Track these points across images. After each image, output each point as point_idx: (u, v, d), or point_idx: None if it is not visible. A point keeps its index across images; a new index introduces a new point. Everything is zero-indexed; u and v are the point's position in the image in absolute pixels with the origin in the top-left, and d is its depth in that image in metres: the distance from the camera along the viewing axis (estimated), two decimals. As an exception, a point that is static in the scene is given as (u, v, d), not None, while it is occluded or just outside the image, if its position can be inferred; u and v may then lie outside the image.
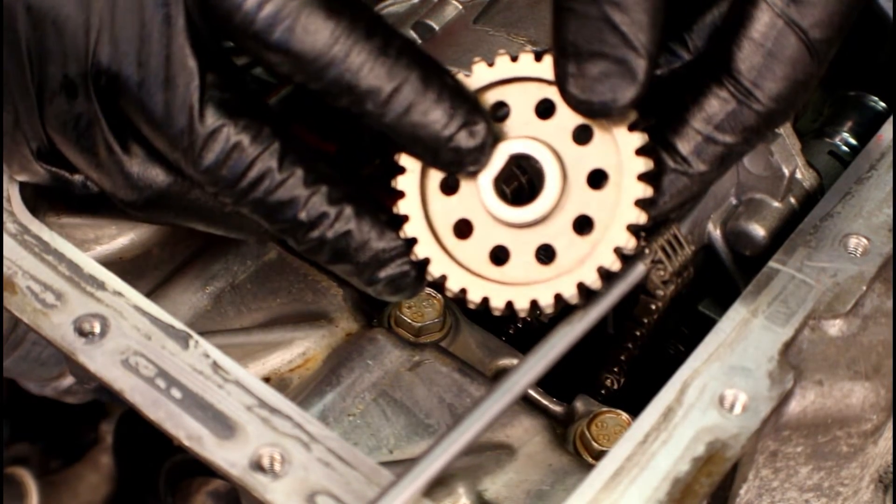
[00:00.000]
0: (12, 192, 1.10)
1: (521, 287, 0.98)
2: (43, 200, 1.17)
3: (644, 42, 0.93)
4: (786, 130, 1.15)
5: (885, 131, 1.19)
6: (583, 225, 0.98)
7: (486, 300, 0.99)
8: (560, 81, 0.96)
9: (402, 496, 0.94)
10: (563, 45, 0.95)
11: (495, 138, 0.97)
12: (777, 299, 1.05)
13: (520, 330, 1.27)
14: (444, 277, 0.99)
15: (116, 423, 1.58)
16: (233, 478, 0.96)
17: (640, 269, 1.09)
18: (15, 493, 1.66)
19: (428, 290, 1.17)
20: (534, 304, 0.98)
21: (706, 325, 1.06)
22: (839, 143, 1.26)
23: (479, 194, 0.99)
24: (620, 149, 0.96)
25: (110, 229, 1.20)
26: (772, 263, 1.08)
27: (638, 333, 1.19)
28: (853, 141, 1.26)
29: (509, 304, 0.98)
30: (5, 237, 1.08)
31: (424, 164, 0.99)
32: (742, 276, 1.18)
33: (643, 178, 0.96)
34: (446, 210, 1.00)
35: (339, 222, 0.98)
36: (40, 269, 1.06)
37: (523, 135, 0.98)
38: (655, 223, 1.04)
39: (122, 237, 1.20)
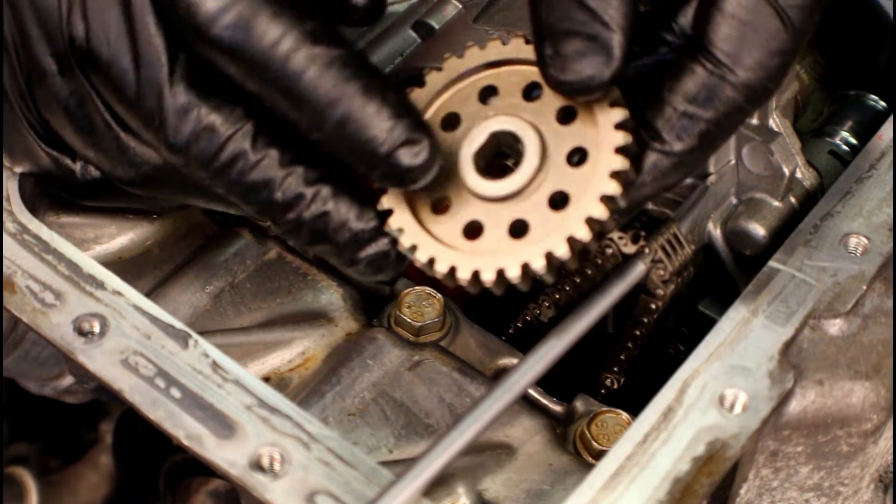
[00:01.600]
0: (12, 192, 1.10)
1: (490, 257, 0.97)
2: (43, 200, 1.17)
3: (614, 16, 0.93)
4: (786, 130, 1.15)
5: (885, 131, 1.19)
6: (558, 201, 0.97)
7: (452, 269, 0.97)
8: (540, 65, 0.96)
9: (402, 496, 0.94)
10: (539, 27, 0.95)
11: (439, 155, 0.95)
12: (777, 299, 1.05)
13: (520, 330, 1.27)
14: (413, 248, 0.98)
15: (116, 423, 1.58)
16: (232, 477, 0.96)
17: (640, 269, 1.09)
18: (15, 493, 1.66)
19: (428, 289, 1.17)
20: (500, 273, 0.96)
21: (706, 325, 1.06)
22: (839, 142, 1.26)
23: (458, 169, 0.98)
24: (600, 124, 0.96)
25: (110, 229, 1.20)
26: (772, 263, 1.08)
27: (638, 333, 1.19)
28: (853, 140, 1.26)
29: (475, 274, 0.97)
30: (5, 237, 1.07)
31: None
32: (742, 275, 1.18)
33: (620, 151, 0.96)
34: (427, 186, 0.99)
35: (315, 203, 0.97)
36: (40, 268, 1.06)
37: (507, 114, 0.98)
38: (653, 220, 1.03)
39: (122, 237, 1.20)
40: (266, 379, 1.12)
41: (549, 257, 0.96)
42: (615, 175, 0.95)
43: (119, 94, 0.98)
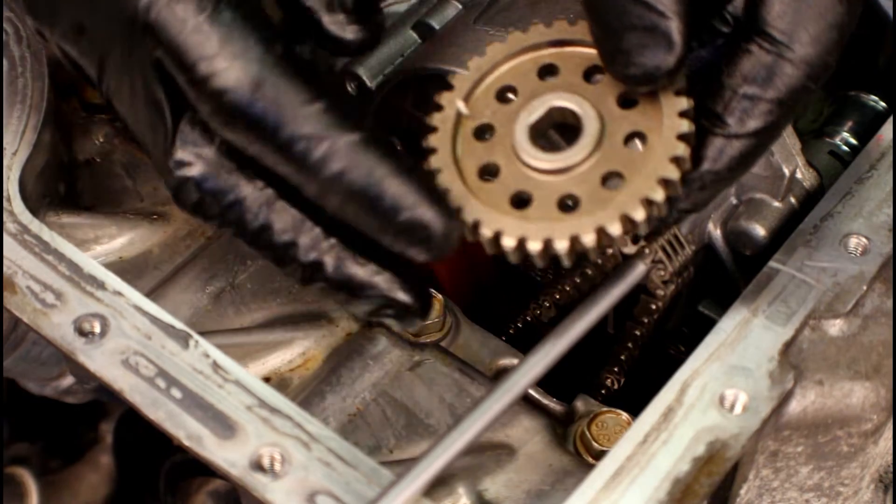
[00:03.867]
0: (12, 192, 1.10)
1: (537, 226, 0.96)
2: (43, 200, 1.17)
3: (668, 4, 0.92)
4: (786, 130, 1.15)
5: (886, 131, 1.19)
6: (612, 181, 0.96)
7: (497, 234, 0.96)
8: (604, 62, 0.96)
9: (402, 496, 0.94)
10: (596, 26, 0.95)
11: (454, 233, 0.93)
12: (777, 299, 1.05)
13: (520, 330, 1.27)
14: (459, 209, 0.97)
15: (116, 423, 1.58)
16: (233, 478, 0.96)
17: (640, 269, 1.09)
18: (15, 493, 1.66)
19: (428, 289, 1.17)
20: (547, 243, 0.95)
21: (706, 325, 1.06)
22: (839, 142, 1.26)
23: (512, 137, 0.98)
24: (664, 112, 0.96)
25: (110, 229, 1.20)
26: (772, 263, 1.08)
27: (638, 333, 1.19)
28: (853, 141, 1.26)
29: (521, 241, 0.96)
30: (5, 237, 1.08)
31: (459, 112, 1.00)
32: (742, 275, 1.18)
33: (682, 138, 0.95)
34: (476, 152, 0.99)
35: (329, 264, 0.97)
36: (40, 268, 1.06)
37: (568, 91, 0.99)
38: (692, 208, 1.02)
39: (122, 237, 1.20)
40: (266, 379, 1.12)
41: (600, 233, 0.94)
42: (675, 160, 0.95)
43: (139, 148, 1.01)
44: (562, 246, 0.95)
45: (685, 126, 0.95)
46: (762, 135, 0.97)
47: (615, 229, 0.94)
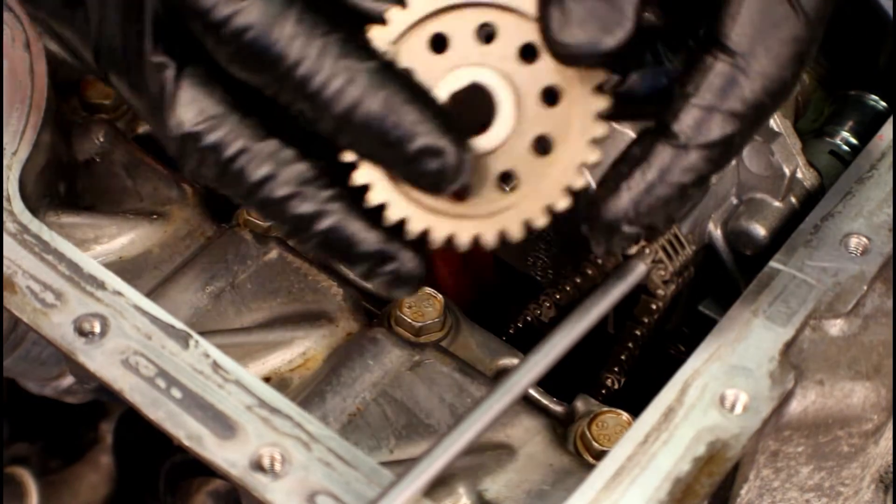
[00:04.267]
0: (12, 192, 1.10)
1: (424, 210, 0.93)
2: (43, 200, 1.17)
3: None
4: (786, 130, 1.15)
5: (886, 131, 1.19)
6: (510, 180, 0.94)
7: (383, 206, 0.93)
8: (543, 25, 0.91)
9: (403, 496, 0.94)
10: None
11: (467, 163, 0.91)
12: (778, 299, 1.05)
13: (520, 330, 1.27)
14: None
15: (116, 423, 1.58)
16: (233, 478, 0.96)
17: (640, 269, 1.09)
18: (15, 493, 1.66)
19: (428, 290, 1.17)
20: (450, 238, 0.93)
21: (707, 325, 1.06)
22: (840, 142, 1.26)
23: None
24: (579, 112, 0.92)
25: (110, 229, 1.20)
26: (772, 263, 1.08)
27: (638, 333, 1.19)
28: (854, 140, 1.26)
29: (402, 222, 0.93)
30: (5, 237, 1.08)
31: None
32: (743, 275, 1.18)
33: (595, 142, 0.92)
34: None
35: (329, 218, 0.94)
36: (40, 268, 1.06)
37: (468, 62, 0.95)
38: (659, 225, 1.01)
39: (122, 237, 1.20)
40: (267, 379, 1.12)
41: (502, 235, 0.93)
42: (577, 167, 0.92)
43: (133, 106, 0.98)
44: (492, 238, 0.93)
45: (599, 130, 0.92)
46: (714, 149, 0.93)
47: (542, 222, 0.93)
